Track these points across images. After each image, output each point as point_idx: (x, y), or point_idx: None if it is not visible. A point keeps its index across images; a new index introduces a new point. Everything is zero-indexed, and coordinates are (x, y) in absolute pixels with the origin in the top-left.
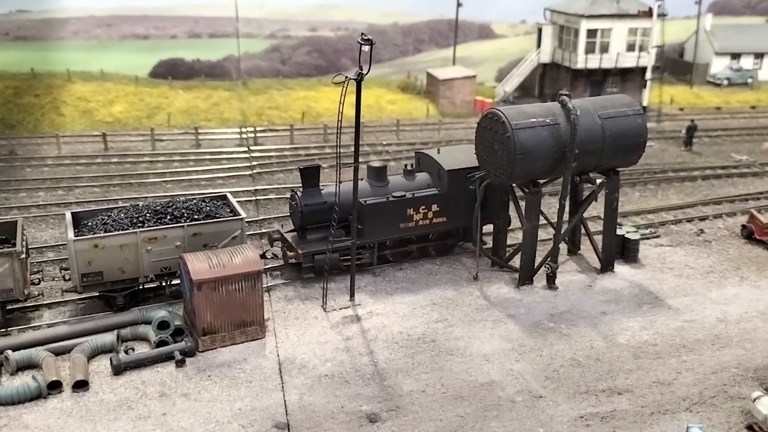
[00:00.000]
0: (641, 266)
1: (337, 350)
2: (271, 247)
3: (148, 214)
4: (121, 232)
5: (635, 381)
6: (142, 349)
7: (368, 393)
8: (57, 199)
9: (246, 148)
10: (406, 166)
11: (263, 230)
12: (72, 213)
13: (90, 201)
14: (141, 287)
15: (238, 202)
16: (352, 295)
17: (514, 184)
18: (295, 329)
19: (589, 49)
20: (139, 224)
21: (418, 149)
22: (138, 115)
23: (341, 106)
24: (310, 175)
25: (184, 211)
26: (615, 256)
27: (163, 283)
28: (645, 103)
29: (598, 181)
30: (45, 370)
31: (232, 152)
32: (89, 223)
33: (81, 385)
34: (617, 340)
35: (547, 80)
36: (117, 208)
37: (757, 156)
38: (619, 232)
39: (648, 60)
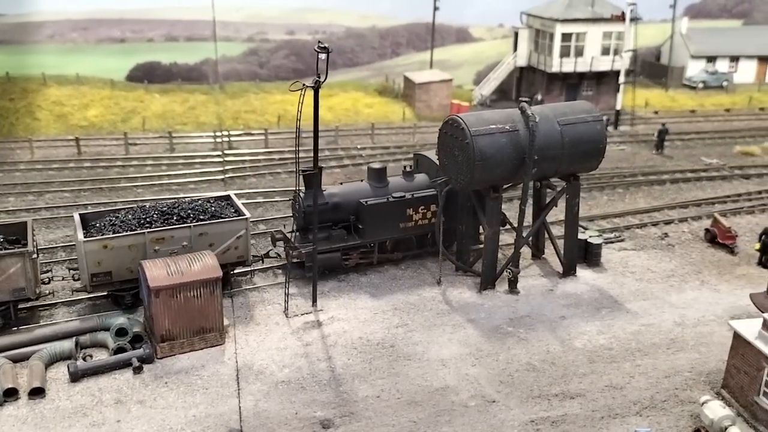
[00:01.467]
0: (603, 270)
1: (295, 356)
2: (274, 246)
3: (154, 215)
4: (129, 232)
5: (588, 385)
6: (101, 356)
7: (323, 399)
8: (27, 204)
9: (220, 153)
10: (405, 167)
11: None
12: (80, 214)
13: (60, 206)
14: None
15: None
16: (314, 301)
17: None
18: (256, 335)
19: (564, 53)
20: (147, 225)
21: (392, 153)
22: (113, 119)
23: (299, 113)
24: (313, 177)
25: (189, 211)
26: (577, 261)
27: None
28: (618, 107)
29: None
30: (2, 377)
31: (205, 156)
32: (97, 224)
33: (37, 393)
34: (574, 345)
35: (524, 84)
36: (124, 209)
37: (727, 159)
38: (582, 236)
39: (622, 64)
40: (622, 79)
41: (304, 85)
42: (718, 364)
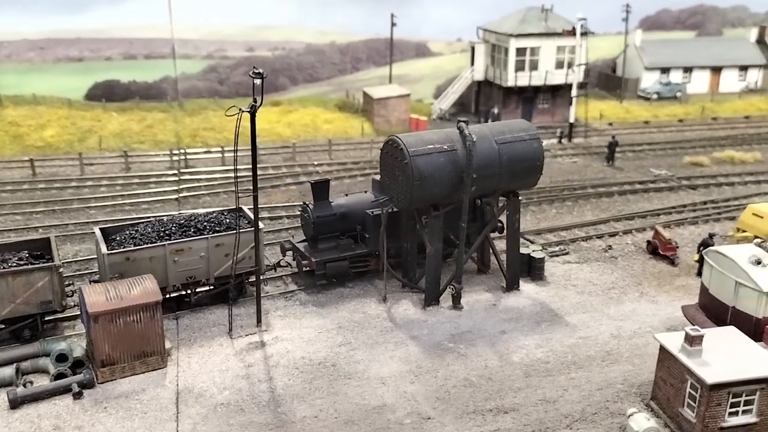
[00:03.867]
0: (547, 284)
1: (237, 378)
2: (284, 256)
3: (173, 228)
4: (150, 245)
5: (522, 399)
6: (41, 382)
7: (261, 420)
8: None
9: (176, 171)
10: None
11: None
12: (100, 228)
13: (11, 230)
14: (168, 296)
15: None
16: (258, 321)
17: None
18: (198, 357)
19: (519, 67)
20: (166, 237)
21: (348, 169)
22: (70, 138)
23: (236, 137)
24: (321, 189)
25: (206, 223)
26: (520, 275)
27: (188, 291)
28: (572, 120)
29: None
30: None
31: (161, 175)
32: (117, 238)
33: None
34: (512, 359)
35: (482, 97)
36: (142, 222)
37: (676, 170)
38: (525, 251)
39: (574, 77)
40: (574, 92)
41: (240, 109)
42: (650, 375)
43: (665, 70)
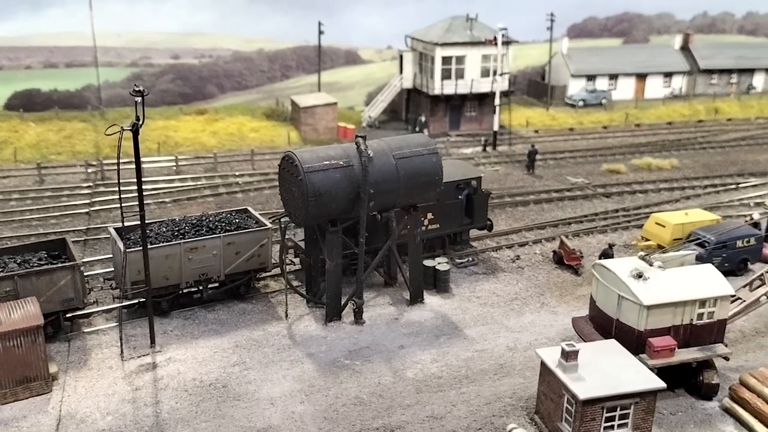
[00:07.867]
0: (451, 296)
1: (122, 402)
2: (286, 254)
3: (186, 227)
4: (167, 243)
5: (410, 416)
6: None
7: None
8: None
9: (91, 184)
10: None
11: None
12: (115, 228)
13: None
14: (182, 292)
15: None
16: (152, 341)
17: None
18: (86, 381)
19: (445, 76)
20: (180, 236)
21: (270, 179)
22: None
23: (118, 158)
24: None
25: (217, 223)
26: (425, 287)
27: (200, 288)
28: (496, 128)
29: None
30: None
31: (75, 188)
32: (132, 237)
33: None
34: (406, 375)
35: (412, 105)
36: (156, 222)
37: (594, 178)
38: (431, 263)
39: (498, 85)
40: (497, 101)
41: (122, 128)
42: None
43: (591, 78)
